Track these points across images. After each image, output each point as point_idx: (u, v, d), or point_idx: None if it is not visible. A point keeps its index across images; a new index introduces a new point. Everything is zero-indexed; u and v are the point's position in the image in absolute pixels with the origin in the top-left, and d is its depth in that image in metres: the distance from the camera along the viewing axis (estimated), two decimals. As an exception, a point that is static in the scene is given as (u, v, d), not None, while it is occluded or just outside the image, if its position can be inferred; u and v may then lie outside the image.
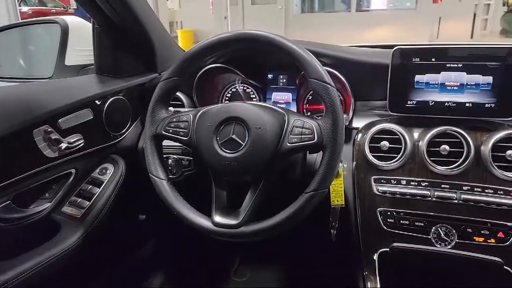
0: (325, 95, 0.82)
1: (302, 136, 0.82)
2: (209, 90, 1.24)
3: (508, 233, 0.93)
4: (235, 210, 0.87)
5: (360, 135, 1.06)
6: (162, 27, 1.26)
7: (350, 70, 1.10)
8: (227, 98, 1.27)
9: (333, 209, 1.03)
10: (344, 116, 1.01)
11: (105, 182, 1.13)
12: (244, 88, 1.25)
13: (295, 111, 1.17)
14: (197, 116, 0.90)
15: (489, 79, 0.96)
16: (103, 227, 1.11)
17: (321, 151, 0.83)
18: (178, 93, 1.22)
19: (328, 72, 0.89)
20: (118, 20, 1.14)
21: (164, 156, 1.12)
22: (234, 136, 0.84)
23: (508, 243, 0.93)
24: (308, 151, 0.98)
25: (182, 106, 1.22)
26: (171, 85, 0.92)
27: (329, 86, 0.82)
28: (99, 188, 1.12)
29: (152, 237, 1.56)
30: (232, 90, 1.26)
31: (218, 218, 0.85)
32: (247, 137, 0.83)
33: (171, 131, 0.91)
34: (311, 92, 1.19)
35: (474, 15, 9.13)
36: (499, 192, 0.94)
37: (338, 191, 1.00)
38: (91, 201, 1.10)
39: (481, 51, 0.96)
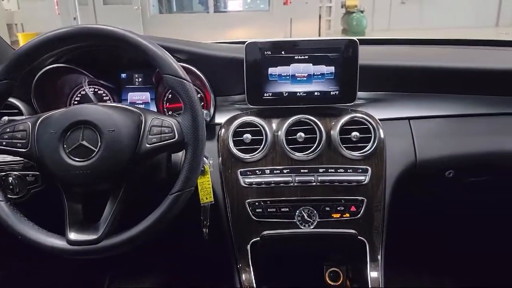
0: (181, 91, 0.80)
1: (162, 135, 0.79)
2: (53, 94, 1.10)
3: (359, 206, 1.03)
4: (94, 223, 0.79)
5: (223, 130, 1.06)
6: None
7: (207, 66, 1.09)
8: (76, 102, 1.14)
9: (203, 207, 1.01)
10: (205, 112, 1.00)
11: None
12: (95, 89, 1.14)
13: (155, 111, 1.12)
14: (37, 124, 0.80)
15: (332, 69, 1.05)
16: None
17: (184, 150, 0.81)
18: (13, 100, 1.05)
19: (184, 68, 0.87)
20: None
21: (3, 173, 0.97)
22: (84, 142, 0.76)
23: (359, 215, 1.04)
24: (171, 151, 0.95)
25: (21, 114, 1.06)
26: (0, 89, 0.79)
27: (185, 81, 0.80)
28: None
29: (-1, 270, 1.34)
30: (82, 92, 1.15)
31: (73, 236, 0.77)
32: (99, 142, 0.76)
33: (4, 143, 0.79)
34: (170, 91, 1.15)
35: (320, 16, 10.16)
36: (348, 170, 1.03)
37: (206, 188, 0.99)
38: None
39: (323, 44, 1.04)
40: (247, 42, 1.03)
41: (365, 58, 1.07)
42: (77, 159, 0.76)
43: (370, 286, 1.04)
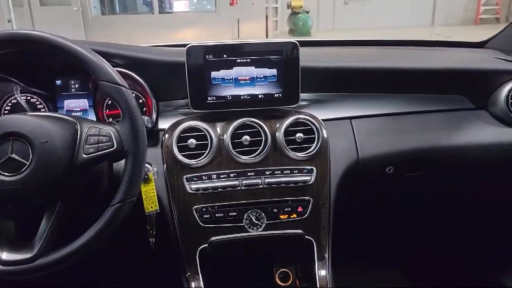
0: (119, 98, 0.78)
1: (100, 144, 0.76)
2: (-21, 104, 1.02)
3: (306, 206, 1.05)
4: (29, 241, 0.75)
5: (167, 135, 1.04)
6: None
7: (147, 71, 1.06)
8: (6, 112, 1.07)
9: (148, 217, 0.98)
10: (146, 118, 0.98)
11: None
12: (28, 98, 1.08)
13: (94, 118, 1.08)
14: None
15: (274, 71, 1.05)
16: None
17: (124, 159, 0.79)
18: None
19: (122, 73, 0.85)
20: None
21: None
22: (13, 155, 0.72)
23: (306, 215, 1.05)
24: (110, 160, 0.91)
25: None
26: None
27: (122, 87, 0.78)
28: None
29: None
30: (13, 101, 1.07)
31: (5, 255, 0.73)
32: (31, 154, 0.72)
33: None
34: None
35: (266, 17, 10.27)
36: (294, 171, 1.04)
37: (151, 196, 0.96)
38: None
39: (264, 47, 1.05)
40: (188, 46, 1.01)
41: (307, 60, 1.09)
42: (6, 173, 0.71)
43: (318, 285, 1.06)
